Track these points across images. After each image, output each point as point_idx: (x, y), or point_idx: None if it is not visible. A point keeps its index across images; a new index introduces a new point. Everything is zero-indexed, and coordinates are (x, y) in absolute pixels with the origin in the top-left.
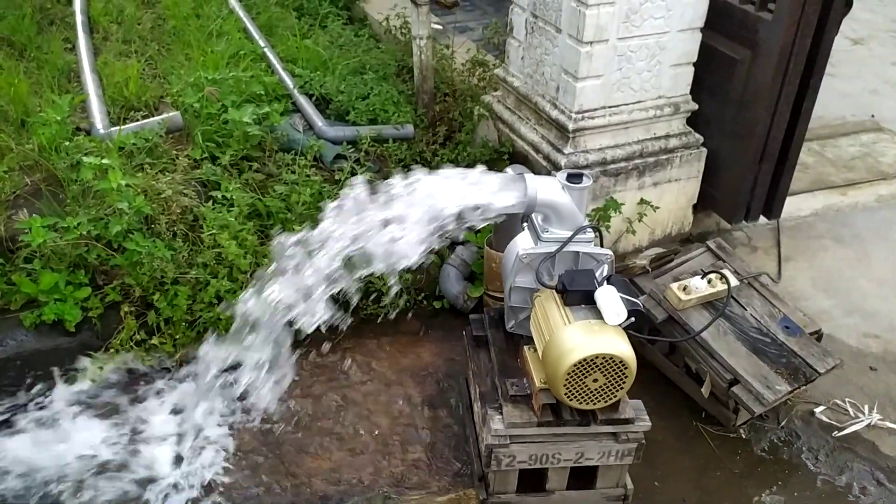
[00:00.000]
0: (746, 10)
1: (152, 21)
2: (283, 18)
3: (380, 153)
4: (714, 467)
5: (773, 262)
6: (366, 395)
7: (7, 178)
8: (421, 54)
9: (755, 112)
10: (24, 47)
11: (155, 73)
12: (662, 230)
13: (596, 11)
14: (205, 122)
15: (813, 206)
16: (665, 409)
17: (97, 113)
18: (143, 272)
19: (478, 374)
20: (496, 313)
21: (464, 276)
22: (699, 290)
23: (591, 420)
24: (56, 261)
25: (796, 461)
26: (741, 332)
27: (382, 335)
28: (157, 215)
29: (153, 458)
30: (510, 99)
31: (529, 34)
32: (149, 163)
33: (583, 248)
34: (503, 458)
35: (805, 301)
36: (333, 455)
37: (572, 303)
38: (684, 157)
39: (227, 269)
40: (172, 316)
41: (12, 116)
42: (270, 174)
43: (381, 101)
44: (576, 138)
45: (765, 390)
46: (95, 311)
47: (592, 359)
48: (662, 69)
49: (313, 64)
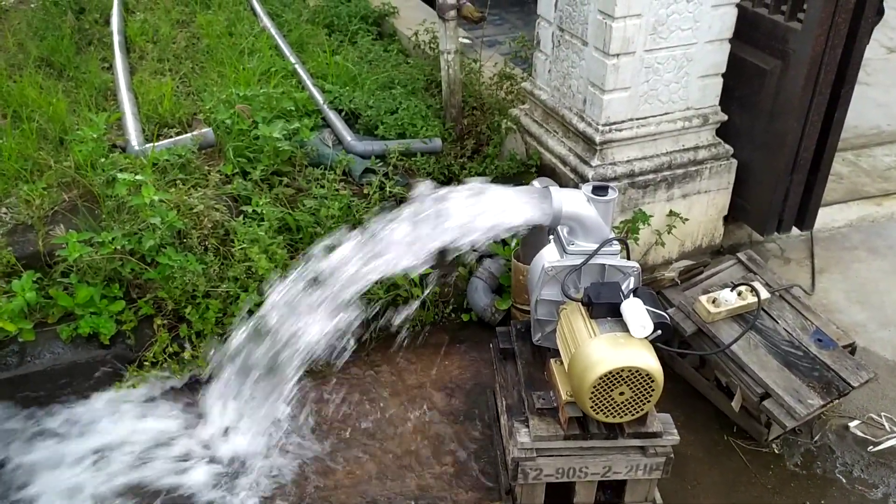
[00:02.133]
0: (776, 20)
1: (186, 40)
2: (314, 35)
3: (408, 167)
4: (746, 482)
5: (806, 274)
6: (393, 407)
7: (45, 195)
8: (449, 68)
9: (786, 122)
10: (63, 67)
11: (188, 91)
12: (692, 242)
13: (622, 24)
14: (236, 138)
15: (847, 217)
16: (695, 423)
17: (132, 130)
18: (176, 286)
19: (504, 386)
20: (523, 326)
21: (491, 289)
22: (729, 302)
23: (619, 433)
24: (91, 275)
25: (830, 476)
26: (772, 345)
27: (410, 348)
28: (189, 230)
29: (187, 471)
30: (537, 112)
31: (556, 47)
32: (181, 178)
33: (609, 260)
34: (530, 471)
35: (839, 314)
36: (360, 468)
37: (598, 315)
38: (714, 168)
39: (257, 282)
40: (203, 329)
41: (51, 134)
42: (300, 189)
43: (409, 115)
44: (603, 150)
45: (797, 404)
46: (129, 324)
47: (618, 372)
48: (690, 80)
49: (343, 79)
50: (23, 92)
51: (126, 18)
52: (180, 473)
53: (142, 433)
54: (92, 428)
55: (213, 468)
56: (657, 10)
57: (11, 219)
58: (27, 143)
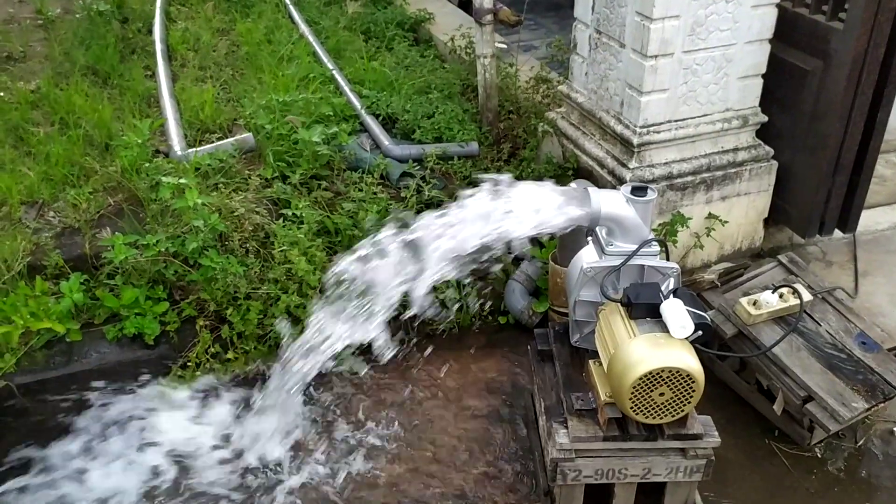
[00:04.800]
0: (817, 20)
1: (227, 48)
2: (351, 42)
3: (445, 171)
4: (788, 486)
5: (849, 276)
6: (431, 409)
7: (92, 199)
8: (485, 73)
9: (828, 124)
10: (108, 75)
11: (229, 97)
12: (732, 245)
13: (661, 25)
14: (276, 142)
15: (891, 220)
16: (736, 427)
17: (175, 136)
18: (218, 287)
19: (543, 388)
20: (561, 327)
21: (528, 292)
22: (770, 304)
23: (659, 435)
24: (136, 277)
25: (875, 481)
26: (815, 347)
27: (448, 350)
28: (230, 232)
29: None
30: (574, 115)
31: (593, 50)
32: (223, 182)
33: (648, 261)
34: (569, 472)
35: (883, 317)
36: (399, 469)
37: (637, 316)
38: (754, 170)
39: (296, 284)
40: (245, 330)
41: (97, 140)
42: (338, 192)
43: (446, 119)
44: (641, 153)
45: (840, 408)
46: (173, 325)
47: (658, 372)
48: (730, 82)
49: (380, 85)
50: (70, 99)
51: (168, 27)
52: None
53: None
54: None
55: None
56: (696, 11)
57: (59, 222)
58: (74, 148)
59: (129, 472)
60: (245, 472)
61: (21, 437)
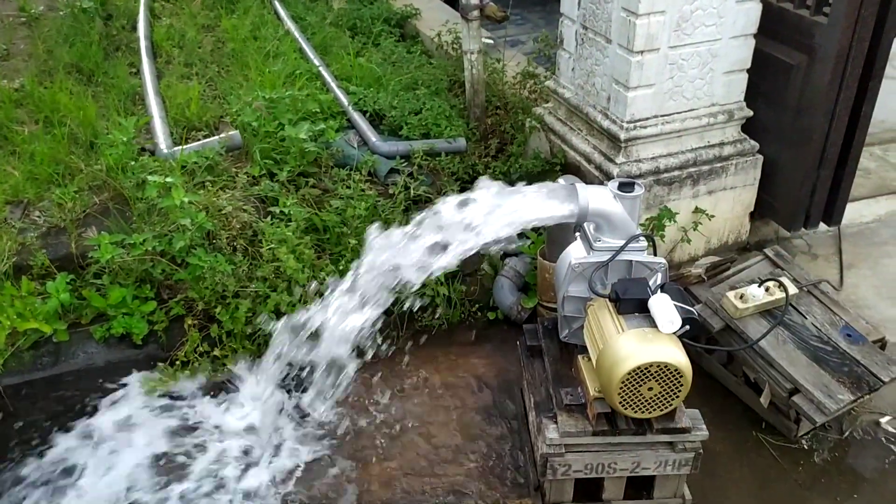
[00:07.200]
0: (801, 14)
1: (212, 44)
2: (338, 38)
3: (433, 167)
4: (775, 478)
5: (834, 269)
6: (421, 404)
7: (77, 198)
8: (472, 68)
9: (812, 118)
10: (92, 73)
11: (215, 94)
12: (718, 239)
13: (646, 21)
14: (263, 139)
15: (876, 212)
16: (724, 420)
17: (161, 134)
18: (206, 286)
19: (532, 383)
20: (550, 323)
21: (517, 287)
22: (756, 298)
23: (647, 429)
24: (123, 276)
25: (861, 472)
26: (801, 340)
27: (437, 346)
28: (218, 231)
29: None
30: (561, 110)
31: (580, 45)
32: (210, 180)
33: (636, 256)
34: (558, 466)
35: (868, 309)
36: (389, 464)
37: (626, 311)
38: (740, 164)
39: (285, 282)
40: (233, 328)
41: (82, 139)
42: (326, 189)
43: (433, 115)
44: (628, 148)
45: (826, 399)
46: (161, 324)
47: (647, 367)
48: (715, 77)
49: (367, 81)
50: (54, 98)
51: (152, 24)
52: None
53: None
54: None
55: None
56: (681, 7)
57: (45, 222)
58: (59, 147)
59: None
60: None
61: (7, 439)
